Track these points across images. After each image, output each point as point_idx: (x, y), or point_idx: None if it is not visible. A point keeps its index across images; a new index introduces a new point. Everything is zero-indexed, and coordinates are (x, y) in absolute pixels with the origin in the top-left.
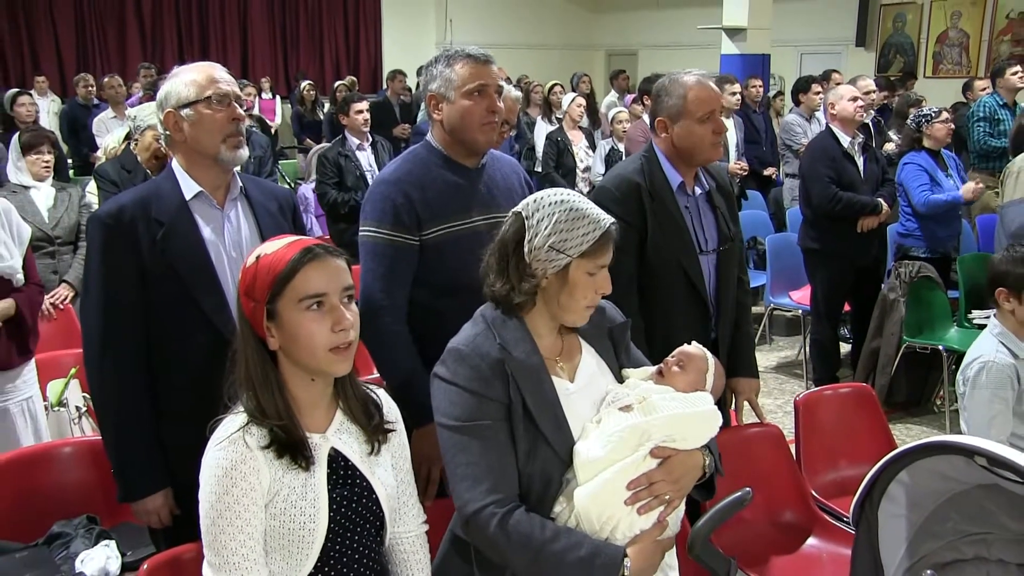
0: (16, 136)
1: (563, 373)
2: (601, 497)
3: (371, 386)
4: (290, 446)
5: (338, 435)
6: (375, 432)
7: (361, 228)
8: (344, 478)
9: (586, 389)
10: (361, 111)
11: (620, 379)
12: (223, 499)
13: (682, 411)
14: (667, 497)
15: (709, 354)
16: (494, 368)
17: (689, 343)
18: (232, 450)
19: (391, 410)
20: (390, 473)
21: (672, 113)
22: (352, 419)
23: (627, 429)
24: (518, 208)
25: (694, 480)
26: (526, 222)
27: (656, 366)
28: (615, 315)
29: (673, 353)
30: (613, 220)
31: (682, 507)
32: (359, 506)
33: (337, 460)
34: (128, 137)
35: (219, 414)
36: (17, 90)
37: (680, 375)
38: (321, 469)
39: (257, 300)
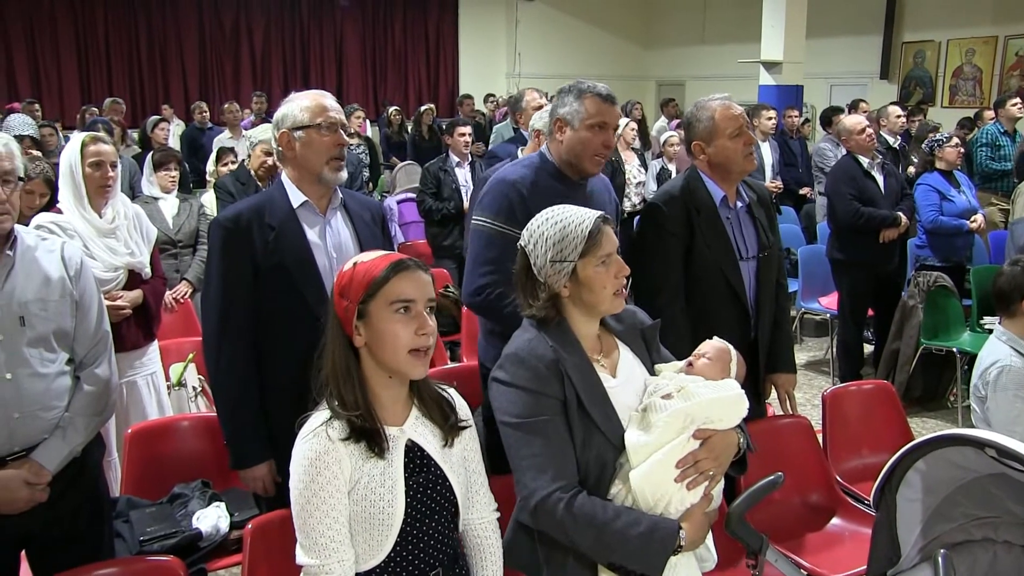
0: (150, 155)
1: (604, 369)
2: (654, 476)
3: (443, 386)
4: (366, 435)
5: (414, 428)
6: (451, 430)
7: (475, 218)
8: (420, 467)
9: (627, 383)
10: (464, 134)
11: (653, 374)
12: (310, 487)
13: (717, 395)
14: (711, 473)
15: (731, 347)
16: (550, 368)
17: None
18: (316, 443)
19: (462, 408)
20: (462, 463)
21: (704, 136)
22: (427, 417)
23: (672, 414)
24: (520, 243)
25: (732, 456)
26: (528, 252)
27: (685, 360)
28: (645, 318)
29: (699, 347)
30: (599, 214)
31: (723, 482)
32: (434, 492)
33: (414, 451)
34: (220, 158)
35: (312, 391)
36: (158, 117)
37: (708, 366)
38: (398, 459)
39: (350, 300)
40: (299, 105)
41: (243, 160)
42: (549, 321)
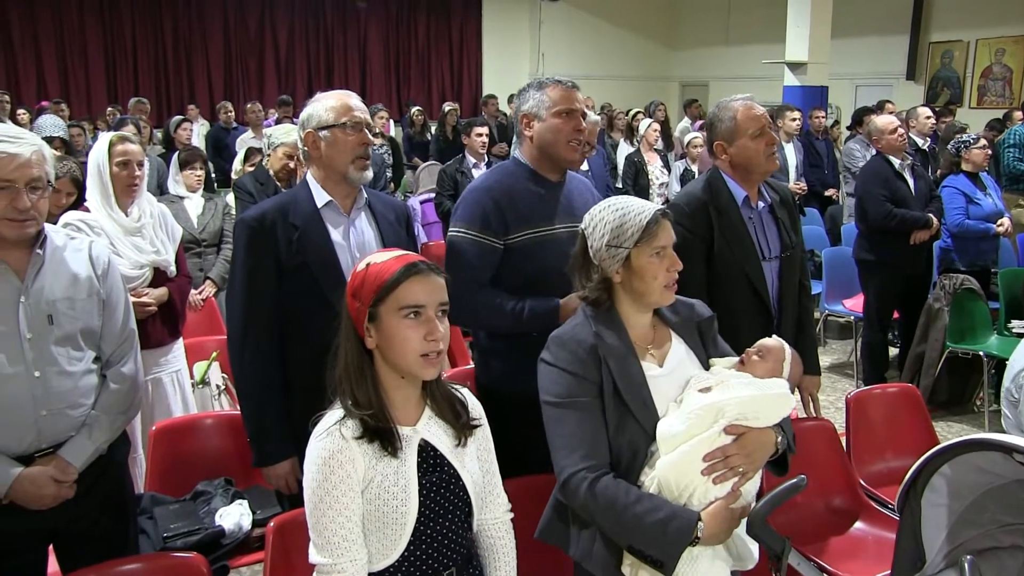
0: (176, 154)
1: (653, 359)
2: (679, 467)
3: (456, 386)
4: (380, 435)
5: (427, 428)
6: (463, 429)
7: (451, 228)
8: (433, 466)
9: (673, 374)
10: (481, 134)
11: (708, 368)
12: (323, 485)
13: (754, 392)
14: (740, 469)
15: (787, 346)
16: (589, 352)
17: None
18: (329, 441)
19: (475, 407)
20: (476, 463)
21: (726, 136)
22: (440, 416)
23: (703, 407)
24: (580, 227)
25: (766, 456)
26: (587, 236)
27: (739, 356)
28: (703, 311)
29: (754, 344)
30: (660, 207)
31: (757, 480)
32: (448, 492)
33: (427, 450)
34: (247, 158)
35: (327, 390)
36: (181, 117)
37: (760, 364)
38: (411, 458)
39: (362, 302)
40: (324, 105)
41: (261, 160)
42: (599, 304)
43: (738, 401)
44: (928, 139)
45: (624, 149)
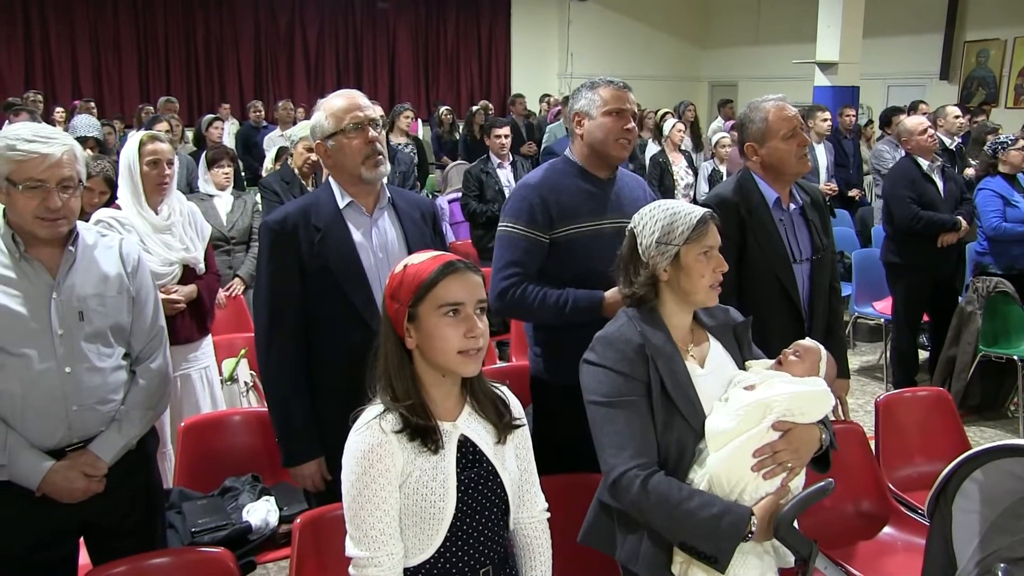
0: (204, 153)
1: (694, 359)
2: (730, 463)
3: (496, 385)
4: (420, 430)
5: (467, 424)
6: (504, 428)
7: (499, 223)
8: (472, 462)
9: (714, 374)
10: (499, 135)
11: (743, 370)
12: (362, 479)
13: (799, 389)
14: (789, 465)
15: (822, 347)
16: (637, 352)
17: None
18: (369, 435)
19: (516, 406)
20: (514, 461)
21: (757, 137)
22: (480, 413)
23: (752, 404)
24: (629, 226)
25: (812, 451)
26: (636, 233)
27: (775, 358)
28: (737, 316)
29: (791, 346)
30: (709, 210)
31: (802, 475)
32: (485, 488)
33: (466, 446)
34: (279, 157)
35: (366, 390)
36: (212, 116)
37: (796, 364)
38: (451, 453)
39: (401, 302)
40: (324, 114)
41: (286, 159)
42: (644, 302)
43: (785, 397)
44: (956, 138)
45: (651, 149)
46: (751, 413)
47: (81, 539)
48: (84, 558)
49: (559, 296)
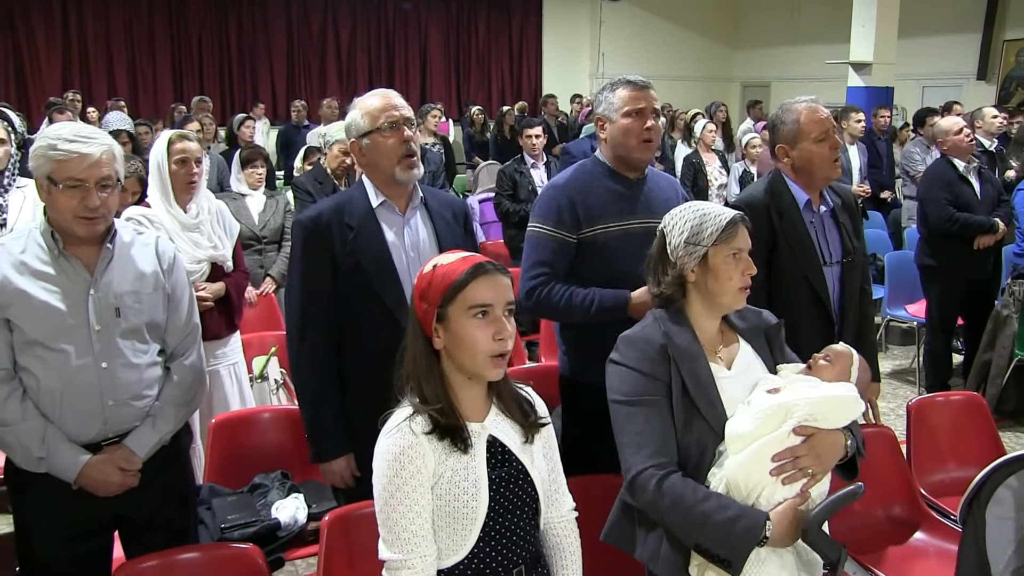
0: (238, 152)
1: (721, 361)
2: (748, 466)
3: (521, 386)
4: (449, 430)
5: (495, 424)
6: (530, 428)
7: (528, 224)
8: (502, 462)
9: (741, 376)
10: (531, 135)
11: (775, 373)
12: (393, 481)
13: (823, 393)
14: (810, 471)
15: (854, 351)
16: (659, 352)
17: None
18: (399, 437)
19: (541, 406)
20: (543, 460)
21: (789, 138)
22: (507, 413)
23: (772, 408)
24: (659, 226)
25: (836, 458)
26: (666, 233)
27: (806, 362)
28: (770, 318)
29: (823, 349)
30: (739, 213)
31: (826, 482)
32: (516, 487)
33: (495, 446)
34: (307, 157)
35: (394, 389)
36: (244, 115)
37: (827, 368)
38: (481, 453)
39: (430, 303)
40: (359, 112)
41: (319, 159)
42: (672, 303)
43: (807, 402)
44: (995, 140)
45: (682, 150)
46: (770, 417)
47: (116, 533)
48: (118, 551)
49: (585, 295)
